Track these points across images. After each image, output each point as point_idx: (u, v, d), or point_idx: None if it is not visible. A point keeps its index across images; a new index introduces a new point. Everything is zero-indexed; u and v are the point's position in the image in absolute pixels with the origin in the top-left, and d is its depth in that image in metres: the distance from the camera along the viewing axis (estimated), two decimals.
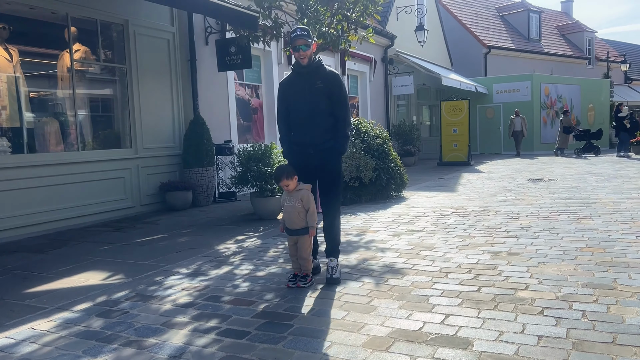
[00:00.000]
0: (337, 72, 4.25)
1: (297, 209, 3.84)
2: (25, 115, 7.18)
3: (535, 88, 21.30)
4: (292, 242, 3.98)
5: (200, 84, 9.27)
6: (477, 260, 4.51)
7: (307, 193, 3.88)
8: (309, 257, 3.95)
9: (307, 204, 3.86)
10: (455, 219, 6.52)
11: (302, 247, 3.91)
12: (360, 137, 8.49)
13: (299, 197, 3.85)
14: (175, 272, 4.54)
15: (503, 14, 29.19)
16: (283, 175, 3.86)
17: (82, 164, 7.39)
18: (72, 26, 7.39)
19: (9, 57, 6.90)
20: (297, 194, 3.87)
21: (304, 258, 3.93)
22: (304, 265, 3.95)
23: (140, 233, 6.52)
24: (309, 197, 3.87)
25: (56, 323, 3.38)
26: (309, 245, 3.94)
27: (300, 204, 3.85)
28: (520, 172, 12.47)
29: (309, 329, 3.10)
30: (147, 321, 3.35)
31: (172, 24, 8.88)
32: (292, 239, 3.96)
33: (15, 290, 4.17)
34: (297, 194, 3.87)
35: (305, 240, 3.90)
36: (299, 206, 3.84)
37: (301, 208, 3.85)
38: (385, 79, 17.38)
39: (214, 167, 8.94)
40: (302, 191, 3.88)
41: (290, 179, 3.86)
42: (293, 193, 3.89)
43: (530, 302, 3.39)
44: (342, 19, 7.84)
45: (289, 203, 3.89)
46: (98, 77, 8.26)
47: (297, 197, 3.86)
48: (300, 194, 3.86)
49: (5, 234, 6.36)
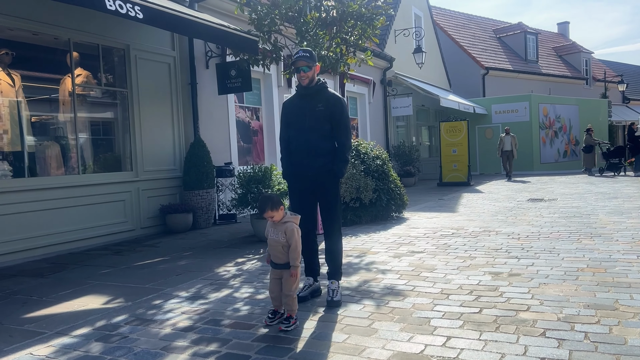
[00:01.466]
0: (340, 95, 4.22)
1: (281, 242, 3.50)
2: (27, 139, 7.22)
3: (534, 108, 21.44)
4: (275, 276, 3.58)
5: (201, 106, 9.35)
6: (478, 281, 4.50)
7: (292, 227, 3.51)
8: (294, 295, 3.52)
9: (290, 239, 3.48)
10: (456, 240, 6.51)
11: (286, 283, 3.51)
12: (360, 158, 8.52)
13: (283, 230, 3.50)
14: (175, 295, 4.52)
15: (500, 36, 29.54)
16: (267, 206, 3.51)
17: (83, 187, 7.41)
18: (74, 51, 7.48)
19: (12, 82, 6.98)
20: (282, 226, 3.52)
21: (287, 295, 3.50)
22: (287, 303, 3.52)
23: (140, 256, 6.50)
24: (292, 232, 3.49)
25: (55, 348, 3.36)
26: (294, 281, 3.52)
27: (284, 238, 3.49)
28: (520, 192, 12.48)
29: (309, 352, 3.08)
30: (146, 345, 3.32)
31: (173, 48, 8.99)
32: (276, 273, 3.57)
33: (14, 315, 4.15)
34: (281, 227, 3.52)
35: (291, 277, 3.52)
36: (282, 240, 3.50)
37: (285, 243, 3.50)
38: (384, 101, 17.51)
39: (215, 189, 8.96)
40: (287, 224, 3.52)
41: (275, 209, 3.52)
42: (278, 225, 3.54)
43: (532, 323, 3.37)
44: (341, 42, 7.94)
45: (273, 236, 3.55)
46: (99, 100, 8.33)
47: (282, 229, 3.51)
48: (284, 226, 3.51)
49: (5, 258, 6.34)
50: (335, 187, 4.16)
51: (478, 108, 21.04)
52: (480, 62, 25.14)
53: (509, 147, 17.38)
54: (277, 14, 7.57)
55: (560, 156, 22.91)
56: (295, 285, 3.53)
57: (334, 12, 7.78)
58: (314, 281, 4.26)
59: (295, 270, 3.46)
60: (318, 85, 4.13)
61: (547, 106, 22.25)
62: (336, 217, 4.16)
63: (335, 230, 4.16)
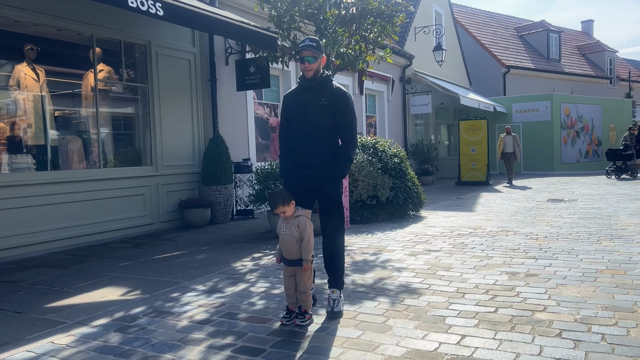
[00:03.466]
0: (345, 90, 3.91)
1: (295, 237, 3.46)
2: (50, 133, 7.37)
3: (555, 108, 21.15)
4: (289, 274, 3.55)
5: (220, 103, 9.42)
6: (495, 281, 4.47)
7: (304, 220, 3.48)
8: (308, 291, 3.51)
9: (303, 232, 3.45)
10: (473, 239, 6.47)
11: (301, 279, 3.49)
12: (377, 156, 8.51)
13: (296, 224, 3.47)
14: (192, 288, 4.58)
15: (522, 34, 29.17)
16: (279, 202, 3.45)
17: (104, 181, 7.53)
18: (96, 47, 7.60)
19: (36, 76, 7.12)
20: (294, 220, 3.49)
21: (302, 292, 3.49)
22: (302, 300, 3.50)
23: (159, 250, 6.59)
24: (305, 225, 3.47)
25: (75, 337, 3.44)
26: (308, 278, 3.50)
27: (297, 232, 3.46)
28: (540, 193, 12.34)
29: (324, 347, 3.10)
30: (164, 337, 3.38)
31: (193, 44, 9.08)
32: (289, 270, 3.54)
33: (36, 305, 4.25)
34: (294, 221, 3.49)
35: (304, 272, 3.48)
36: (296, 234, 3.46)
37: (299, 237, 3.46)
38: (403, 99, 17.44)
39: (232, 185, 9.03)
40: (300, 218, 3.49)
41: (286, 204, 3.46)
42: (290, 220, 3.51)
43: (548, 324, 3.35)
44: (360, 39, 7.93)
45: (286, 231, 3.51)
46: (121, 96, 8.46)
47: (294, 224, 3.47)
48: (297, 220, 3.48)
49: (28, 249, 6.49)
50: (337, 188, 3.82)
51: (498, 107, 20.84)
52: (502, 61, 24.86)
53: (511, 149, 15.60)
54: (296, 11, 7.59)
55: (582, 157, 22.58)
56: (310, 281, 3.50)
57: (353, 10, 7.77)
58: None
59: (307, 264, 3.42)
60: (322, 78, 3.83)
61: (569, 106, 21.93)
62: (338, 219, 3.83)
63: (337, 233, 3.83)
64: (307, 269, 3.43)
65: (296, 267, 3.48)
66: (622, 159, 16.22)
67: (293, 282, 3.52)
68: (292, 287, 3.53)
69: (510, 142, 15.55)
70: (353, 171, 8.06)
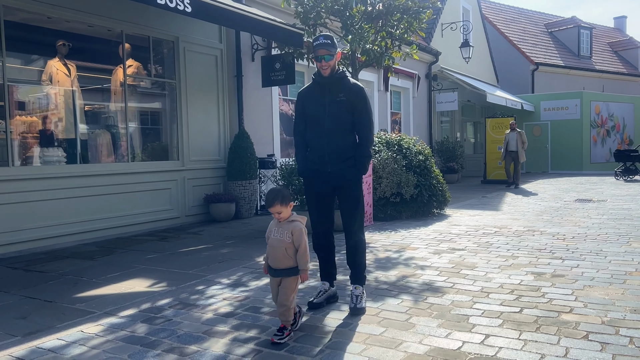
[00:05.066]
0: (361, 85, 3.88)
1: (285, 243, 3.14)
2: (80, 127, 7.54)
3: (585, 106, 20.71)
4: (275, 284, 3.22)
5: (246, 99, 9.49)
6: (520, 281, 4.42)
7: (299, 227, 3.16)
8: (290, 305, 3.16)
9: (298, 241, 3.14)
10: (499, 239, 6.40)
11: (284, 290, 3.15)
12: (402, 153, 8.47)
13: (289, 230, 3.15)
14: (217, 282, 4.64)
15: (552, 31, 28.60)
16: (277, 200, 3.14)
17: (131, 174, 7.67)
18: (126, 43, 7.73)
19: (68, 71, 7.28)
20: (288, 225, 3.17)
21: (283, 305, 3.13)
22: (281, 313, 3.16)
23: (185, 243, 6.69)
24: (301, 233, 3.15)
25: (104, 327, 3.52)
26: (292, 290, 3.17)
27: (290, 238, 3.13)
28: (568, 192, 12.12)
29: (346, 343, 3.12)
30: (189, 329, 3.44)
31: (220, 40, 9.16)
32: (276, 281, 3.21)
33: (66, 294, 4.36)
34: (287, 226, 3.17)
35: (290, 283, 3.16)
36: (287, 241, 3.14)
37: (290, 244, 3.14)
38: (428, 95, 17.30)
39: (257, 180, 9.10)
40: (295, 224, 3.17)
41: (284, 205, 3.15)
42: (284, 224, 3.19)
43: (575, 325, 3.30)
44: (387, 36, 7.89)
45: (276, 236, 3.18)
46: (149, 91, 8.59)
47: (288, 229, 3.16)
48: (291, 226, 3.16)
49: (58, 240, 6.66)
50: (358, 184, 3.81)
51: (526, 105, 20.49)
52: (530, 58, 24.43)
53: (515, 147, 13.91)
54: (322, 7, 7.59)
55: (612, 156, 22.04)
56: (294, 294, 3.20)
57: (380, 6, 7.74)
58: (329, 286, 3.93)
59: (305, 274, 3.15)
60: (339, 74, 3.80)
61: (599, 104, 21.44)
62: (358, 216, 3.81)
63: (357, 230, 3.81)
64: (304, 280, 3.18)
65: (282, 277, 3.17)
66: (631, 159, 15.70)
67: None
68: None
69: (514, 140, 13.93)
70: (377, 168, 8.04)
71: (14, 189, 6.25)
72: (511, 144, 13.93)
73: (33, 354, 3.08)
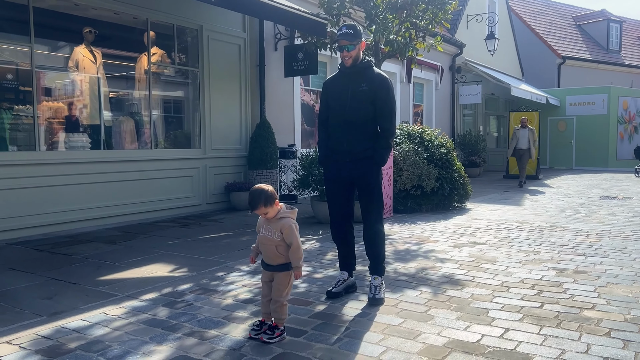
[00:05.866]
0: (386, 76, 3.84)
1: (275, 242, 2.98)
2: (104, 113, 7.65)
3: (613, 101, 20.25)
4: (266, 279, 3.08)
5: (268, 88, 9.51)
6: (541, 276, 4.37)
7: (289, 223, 2.99)
8: (284, 301, 3.02)
9: (289, 238, 2.96)
10: (520, 234, 6.33)
11: (277, 286, 3.01)
12: (423, 146, 8.41)
13: (279, 228, 2.98)
14: (236, 269, 4.69)
15: (580, 23, 27.98)
16: (260, 201, 2.93)
17: (154, 161, 7.76)
18: (151, 30, 7.80)
19: (93, 58, 7.38)
20: (277, 223, 2.99)
21: (277, 301, 3.00)
22: (275, 310, 3.01)
23: (206, 230, 6.76)
24: (291, 229, 2.97)
25: (126, 310, 3.59)
26: (286, 286, 3.03)
27: (279, 236, 2.98)
28: (592, 189, 11.91)
29: (364, 332, 3.12)
30: (209, 314, 3.49)
31: (243, 30, 9.18)
32: (266, 275, 3.07)
33: (90, 277, 4.45)
34: (276, 224, 2.99)
35: (282, 279, 3.01)
36: (277, 239, 2.98)
37: (280, 242, 2.98)
38: (452, 88, 17.11)
39: (277, 170, 9.13)
40: (285, 220, 3.00)
41: (269, 205, 2.96)
42: (272, 221, 3.01)
43: (597, 322, 3.26)
44: (411, 26, 7.82)
45: (265, 234, 3.02)
46: (172, 79, 8.66)
47: (277, 227, 2.98)
48: (280, 223, 2.98)
49: (83, 224, 6.79)
50: (377, 175, 3.78)
51: (551, 99, 20.14)
52: (557, 51, 23.95)
53: (526, 145, 12.98)
54: None
55: None
56: (288, 289, 3.06)
57: None
58: (348, 276, 3.92)
59: (298, 272, 3.00)
60: (363, 64, 3.77)
61: (627, 99, 20.95)
62: (377, 206, 3.80)
63: (376, 221, 3.80)
64: (297, 276, 3.03)
65: (275, 271, 3.03)
66: None
67: (271, 288, 3.07)
68: (269, 294, 3.07)
69: (526, 137, 13.01)
70: (398, 160, 8.00)
71: (40, 173, 6.38)
72: (522, 142, 13.00)
73: (58, 333, 3.16)
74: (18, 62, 6.54)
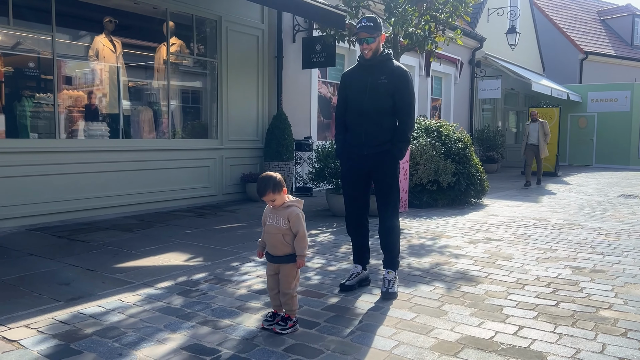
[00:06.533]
0: (406, 69, 3.81)
1: (282, 230, 2.97)
2: (123, 103, 7.72)
3: (636, 98, 19.85)
4: (272, 272, 3.06)
5: (285, 80, 9.50)
6: (558, 274, 4.32)
7: (296, 211, 2.98)
8: (293, 293, 3.01)
9: (296, 226, 2.95)
10: (537, 231, 6.26)
11: (284, 278, 2.99)
12: (440, 140, 8.35)
13: (286, 216, 2.97)
14: (251, 259, 4.71)
15: (604, 18, 27.44)
16: (268, 188, 2.95)
17: (172, 151, 7.82)
18: (170, 21, 7.83)
19: (113, 48, 7.44)
20: (284, 211, 2.99)
21: (285, 293, 2.99)
22: (285, 303, 3.02)
23: (221, 220, 6.81)
24: (298, 217, 2.97)
25: (141, 297, 3.63)
26: (294, 277, 3.01)
27: (286, 224, 2.96)
28: (612, 187, 11.72)
29: (376, 326, 3.12)
30: (223, 303, 3.51)
31: (262, 21, 9.17)
32: (272, 268, 3.05)
33: (107, 264, 4.51)
34: (283, 212, 2.99)
35: (289, 270, 2.99)
36: (284, 227, 2.96)
37: (287, 230, 2.96)
38: (471, 82, 16.93)
39: (293, 162, 9.14)
40: (291, 209, 2.99)
41: (277, 192, 2.96)
42: (279, 210, 3.00)
43: (613, 322, 3.21)
44: (430, 19, 7.74)
45: (272, 222, 3.02)
46: (190, 70, 8.70)
47: (284, 215, 2.98)
48: (288, 211, 2.98)
49: (100, 212, 6.88)
50: (394, 169, 3.76)
51: (573, 95, 19.81)
52: (580, 46, 23.54)
53: (536, 140, 11.86)
54: None
55: None
56: (296, 281, 3.04)
57: None
58: (362, 269, 3.92)
59: (302, 260, 2.97)
60: (382, 56, 3.73)
61: None
62: (393, 201, 3.78)
63: (392, 215, 3.79)
64: (300, 265, 2.99)
65: (280, 264, 3.01)
66: None
67: (276, 281, 3.04)
68: (275, 287, 3.04)
69: (536, 131, 11.86)
70: (414, 154, 7.96)
71: (60, 160, 6.46)
72: (532, 137, 11.94)
73: (75, 318, 3.21)
74: (40, 50, 6.62)
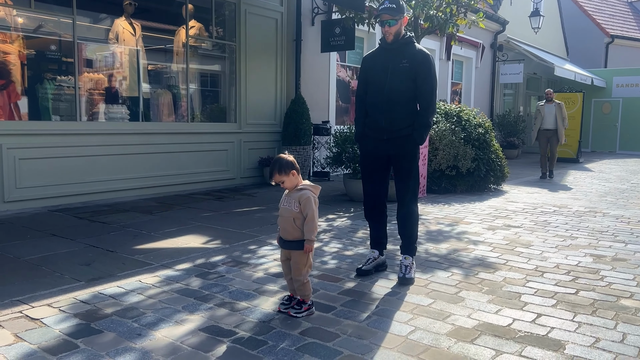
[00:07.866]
0: (427, 52, 3.73)
1: (294, 213, 2.94)
2: (143, 86, 7.76)
3: None
4: (284, 257, 3.07)
5: (304, 64, 9.45)
6: (578, 262, 4.27)
7: (307, 194, 2.95)
8: (304, 279, 3.00)
9: (306, 209, 2.92)
10: (557, 218, 6.18)
11: (295, 265, 2.98)
12: (460, 125, 8.24)
13: (297, 199, 2.95)
14: (268, 243, 4.74)
15: (632, 1, 26.67)
16: (274, 169, 2.95)
17: (190, 134, 7.86)
18: (189, 4, 7.81)
19: (133, 31, 7.46)
20: (296, 194, 2.97)
21: (297, 280, 2.99)
22: (298, 289, 3.02)
23: (239, 204, 6.85)
24: (309, 200, 2.93)
25: (160, 279, 3.68)
26: (304, 264, 2.98)
27: (297, 208, 2.94)
28: (636, 174, 11.49)
29: (393, 311, 3.12)
30: (240, 286, 3.54)
31: (281, 4, 9.10)
32: (284, 253, 3.06)
33: (126, 246, 4.58)
34: (295, 195, 2.97)
35: (300, 257, 2.96)
36: (295, 210, 2.94)
37: (298, 214, 2.94)
38: (492, 66, 16.66)
39: (311, 146, 9.13)
40: (304, 192, 2.96)
41: (284, 174, 2.93)
42: (292, 193, 3.00)
43: (634, 311, 3.16)
44: (452, 2, 7.60)
45: (285, 205, 3.01)
46: (209, 53, 8.70)
47: (295, 198, 2.96)
48: (299, 194, 2.96)
49: (121, 194, 6.96)
50: (414, 154, 3.71)
51: (597, 80, 19.37)
52: (605, 30, 22.94)
53: (553, 124, 10.34)
54: None
55: None
56: (307, 267, 3.01)
57: None
58: (379, 254, 3.92)
59: (310, 245, 2.93)
60: (404, 39, 3.68)
61: None
62: (412, 186, 3.75)
63: (410, 200, 3.75)
64: (308, 250, 2.95)
65: (291, 250, 2.99)
66: None
67: (289, 267, 3.04)
68: (289, 272, 3.05)
69: (552, 114, 10.33)
70: (433, 139, 7.88)
71: (81, 142, 6.54)
72: (547, 120, 10.37)
73: (95, 298, 3.27)
74: (61, 33, 6.67)
